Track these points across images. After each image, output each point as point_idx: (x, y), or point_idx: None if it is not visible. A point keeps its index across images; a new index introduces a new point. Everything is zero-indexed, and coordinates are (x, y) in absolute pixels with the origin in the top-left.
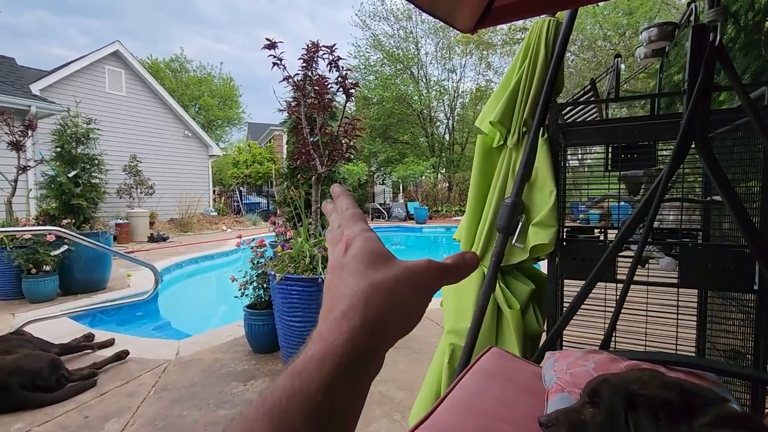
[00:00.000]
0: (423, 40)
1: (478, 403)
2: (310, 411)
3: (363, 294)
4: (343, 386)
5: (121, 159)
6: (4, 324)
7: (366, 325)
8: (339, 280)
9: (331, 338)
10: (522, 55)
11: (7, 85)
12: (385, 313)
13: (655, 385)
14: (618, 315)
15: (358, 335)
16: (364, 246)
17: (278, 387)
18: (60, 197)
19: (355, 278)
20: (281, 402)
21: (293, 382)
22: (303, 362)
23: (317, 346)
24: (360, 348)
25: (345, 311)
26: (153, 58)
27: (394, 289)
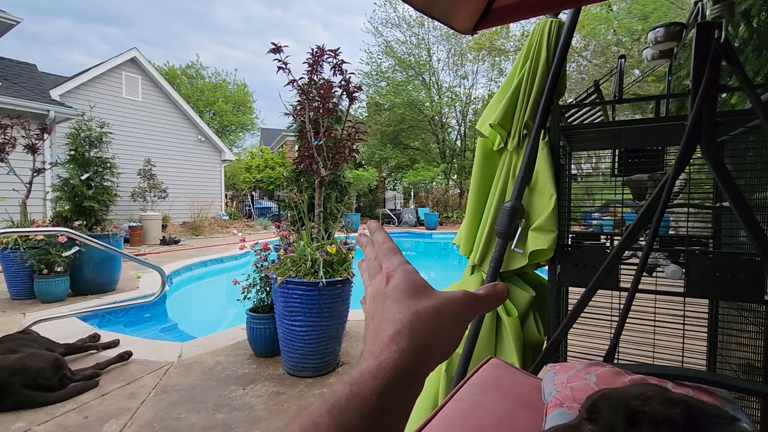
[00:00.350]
0: (435, 46)
1: (473, 418)
2: (366, 412)
3: (408, 320)
4: (392, 396)
5: (135, 163)
6: (14, 323)
7: (412, 348)
8: (383, 307)
9: (383, 356)
10: (523, 57)
11: (28, 90)
12: (429, 338)
13: (658, 401)
14: (622, 325)
15: (406, 356)
16: (405, 277)
17: (338, 391)
18: (72, 199)
19: (399, 306)
20: (342, 402)
21: (351, 389)
22: (359, 373)
23: (370, 362)
24: (407, 366)
25: (393, 335)
26: (170, 64)
27: (436, 317)
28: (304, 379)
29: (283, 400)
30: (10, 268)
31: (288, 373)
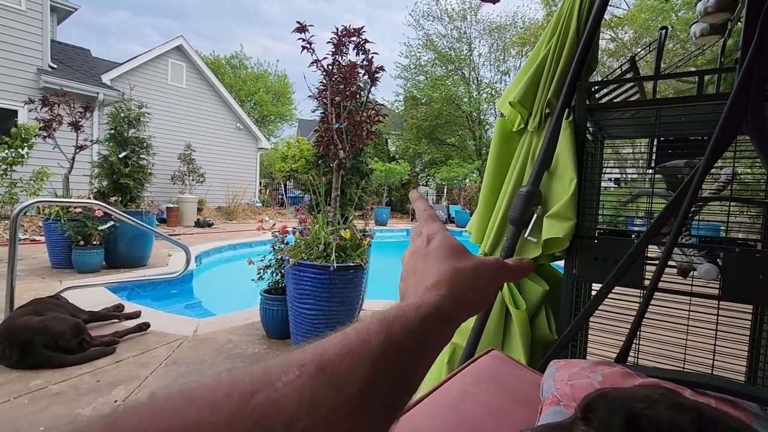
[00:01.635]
0: (477, 41)
1: (461, 409)
2: (408, 330)
3: (449, 273)
4: (430, 325)
5: (176, 147)
6: (51, 289)
7: (451, 295)
8: (425, 263)
9: (426, 297)
10: (551, 30)
11: (81, 74)
12: (466, 290)
13: (665, 405)
14: (638, 325)
15: (445, 301)
16: (444, 239)
17: (388, 311)
18: (110, 176)
19: (440, 262)
20: (390, 318)
21: (398, 312)
22: (405, 304)
23: (414, 299)
24: (445, 309)
25: (435, 284)
26: (215, 54)
27: (474, 274)
28: None
29: None
30: (52, 237)
31: None
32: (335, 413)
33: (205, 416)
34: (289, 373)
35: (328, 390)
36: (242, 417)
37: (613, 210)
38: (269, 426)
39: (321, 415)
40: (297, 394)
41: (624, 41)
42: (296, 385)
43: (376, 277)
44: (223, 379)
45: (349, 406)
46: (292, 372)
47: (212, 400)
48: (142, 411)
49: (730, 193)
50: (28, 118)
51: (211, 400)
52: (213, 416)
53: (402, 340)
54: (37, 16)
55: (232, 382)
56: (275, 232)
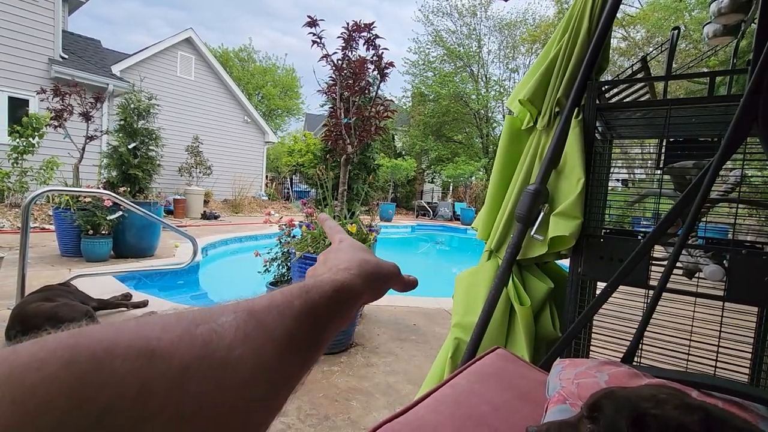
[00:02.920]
0: (486, 37)
1: (467, 405)
2: (324, 297)
3: (358, 260)
4: (342, 295)
5: (184, 139)
6: (60, 277)
7: (359, 275)
8: (336, 255)
9: (338, 275)
10: (563, 28)
11: (92, 65)
12: (370, 275)
13: (672, 405)
14: (645, 325)
15: (355, 278)
16: (354, 241)
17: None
18: (119, 167)
19: (350, 254)
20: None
21: (315, 282)
22: (321, 278)
23: (328, 275)
24: (355, 285)
25: (346, 267)
26: (224, 47)
27: (377, 266)
28: None
29: None
30: (62, 226)
31: None
32: (264, 349)
33: (158, 333)
34: (226, 315)
35: (257, 332)
36: (190, 338)
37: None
38: (213, 348)
39: (253, 347)
40: (233, 330)
41: (636, 40)
42: (232, 323)
43: None
44: (169, 315)
45: (274, 347)
46: (228, 315)
47: (164, 324)
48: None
49: (739, 196)
50: (39, 107)
51: (163, 324)
52: (166, 335)
53: (318, 305)
54: (49, 6)
55: (178, 316)
56: (282, 225)
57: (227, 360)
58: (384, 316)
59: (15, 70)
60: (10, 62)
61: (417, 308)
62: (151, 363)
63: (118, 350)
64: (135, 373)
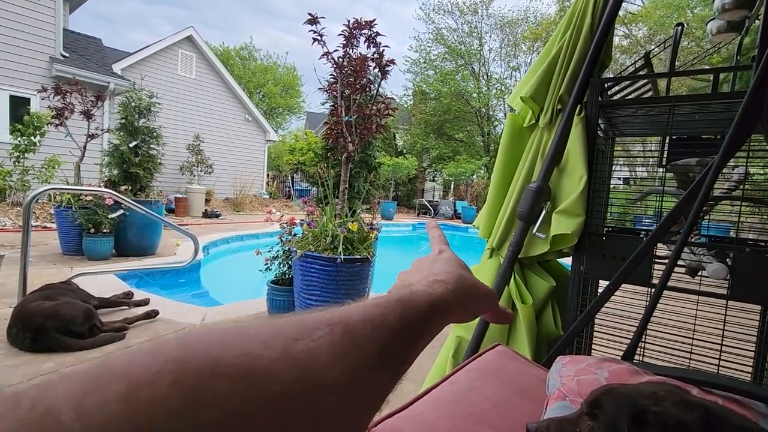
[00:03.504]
0: (488, 35)
1: (466, 402)
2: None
3: (456, 276)
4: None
5: (185, 138)
6: (62, 275)
7: (455, 291)
8: (432, 264)
9: (434, 287)
10: (565, 25)
11: (93, 63)
12: (466, 294)
13: (671, 402)
14: (646, 323)
15: (449, 294)
16: (455, 255)
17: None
18: (121, 165)
19: (448, 267)
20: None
21: (411, 295)
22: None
23: (426, 288)
24: (449, 301)
25: (443, 280)
26: (225, 45)
27: (474, 286)
28: None
29: None
30: (63, 224)
31: None
32: (358, 369)
33: (259, 350)
34: (322, 329)
35: (353, 349)
36: (288, 356)
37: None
38: (309, 368)
39: (346, 367)
40: (328, 347)
41: (638, 38)
42: (327, 340)
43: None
44: (266, 323)
45: (368, 364)
46: (323, 328)
47: (265, 339)
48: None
49: (742, 193)
50: (41, 106)
51: (263, 338)
52: (266, 351)
53: (413, 321)
54: (50, 4)
55: (276, 328)
56: (283, 223)
57: (323, 382)
58: None
59: (16, 69)
60: (11, 61)
61: None
62: (253, 385)
63: (222, 369)
64: (236, 395)
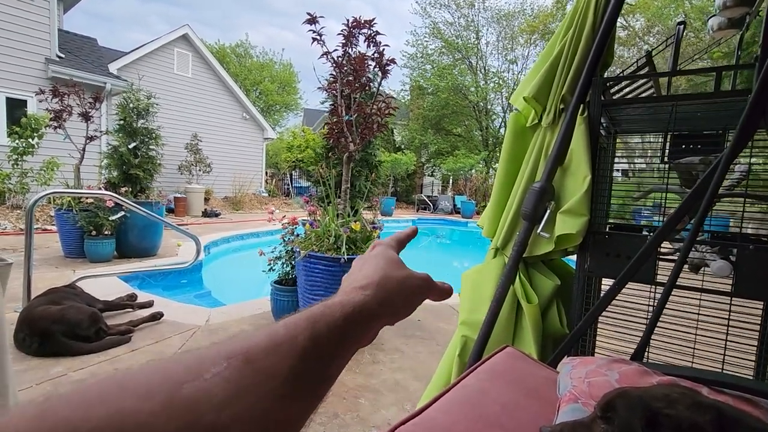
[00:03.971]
0: (485, 29)
1: (477, 405)
2: (332, 327)
3: (379, 277)
4: (353, 323)
5: (183, 137)
6: (65, 279)
7: (376, 297)
8: (361, 268)
9: (352, 295)
10: (567, 23)
11: (88, 63)
12: (391, 295)
13: (685, 405)
14: (655, 323)
15: (369, 300)
16: (385, 250)
17: (314, 309)
18: (120, 167)
19: (372, 268)
20: (316, 315)
21: (324, 309)
22: (331, 302)
23: (341, 297)
24: (368, 308)
25: (364, 286)
26: (220, 43)
27: (401, 282)
28: None
29: None
30: (64, 227)
31: None
32: (262, 401)
33: (139, 405)
34: (218, 365)
35: (255, 380)
36: (174, 404)
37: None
38: (200, 413)
39: (248, 403)
40: (224, 383)
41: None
42: (224, 375)
43: None
44: (157, 368)
45: (275, 394)
46: (221, 364)
47: (146, 390)
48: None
49: (746, 189)
50: (38, 108)
51: (145, 390)
52: (146, 404)
53: (326, 337)
54: (45, 5)
55: (165, 372)
56: (285, 223)
57: (217, 424)
58: None
59: (12, 71)
60: (6, 62)
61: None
62: None
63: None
64: None
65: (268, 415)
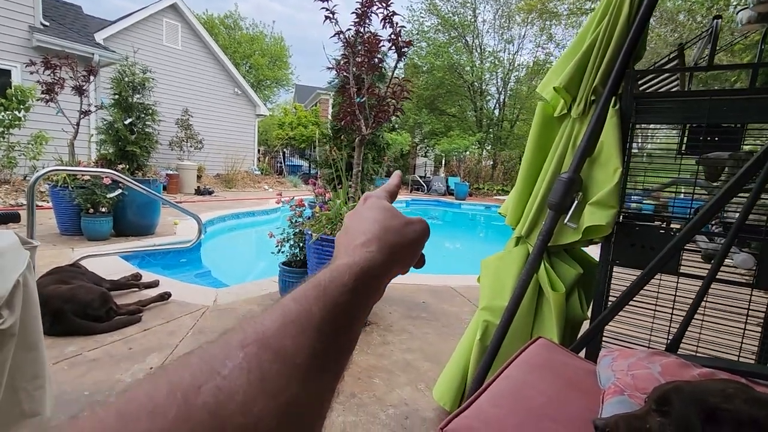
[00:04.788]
0: (482, 6)
1: (524, 397)
2: (344, 289)
3: (378, 231)
4: (363, 281)
5: (173, 112)
6: (64, 257)
7: (380, 251)
8: (358, 222)
9: (356, 256)
10: (600, 14)
11: (74, 32)
12: (394, 247)
13: (741, 399)
14: (692, 315)
15: (375, 256)
16: (377, 200)
17: (320, 276)
18: (116, 143)
19: (370, 220)
20: (325, 281)
21: (332, 274)
22: (335, 265)
23: (346, 259)
24: (375, 264)
25: (365, 242)
26: (209, 13)
27: (401, 232)
28: None
29: None
30: (60, 204)
31: None
32: (289, 386)
33: (146, 426)
34: (233, 357)
35: (276, 366)
36: (193, 416)
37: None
38: (225, 416)
39: (274, 392)
40: (245, 376)
41: None
42: (243, 367)
43: None
44: (159, 380)
45: (300, 374)
46: (236, 355)
47: (151, 407)
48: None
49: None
50: (23, 78)
51: (150, 407)
52: (156, 424)
53: (340, 302)
54: None
55: (170, 382)
56: (293, 205)
57: (245, 427)
58: (394, 294)
59: None
60: None
61: (425, 285)
62: None
63: None
64: None
65: (298, 399)
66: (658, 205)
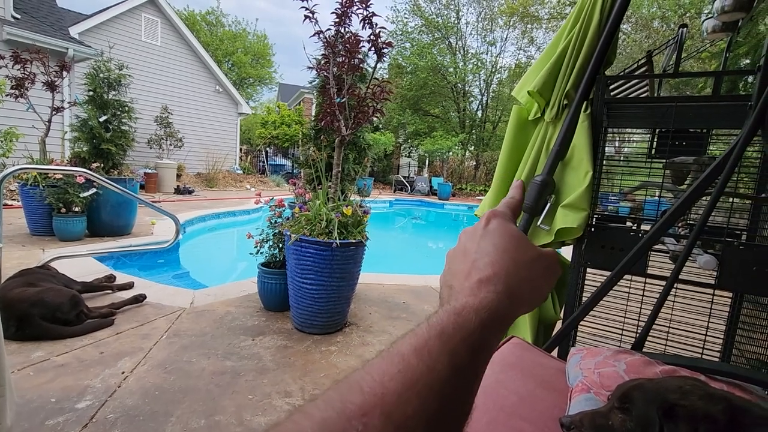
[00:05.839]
0: (465, 8)
1: (495, 396)
2: (470, 343)
3: (507, 266)
4: (490, 332)
5: (152, 109)
6: (34, 258)
7: (508, 292)
8: (477, 246)
9: (482, 295)
10: (573, 20)
11: (47, 26)
12: (522, 287)
13: (697, 396)
14: (656, 315)
15: (502, 299)
16: (504, 224)
17: (444, 319)
18: (91, 141)
19: (500, 252)
20: (449, 330)
21: (456, 319)
22: (461, 306)
23: (471, 299)
24: (503, 308)
25: (491, 276)
26: (190, 9)
27: (531, 267)
28: (312, 336)
29: (290, 354)
30: (30, 204)
31: (296, 328)
32: None
33: None
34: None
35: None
36: None
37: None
38: None
39: None
40: None
41: None
42: None
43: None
44: None
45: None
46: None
47: None
48: None
49: (735, 189)
50: None
51: None
52: None
53: (466, 360)
54: None
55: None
56: (272, 206)
57: None
58: (374, 294)
59: None
60: None
61: (405, 286)
62: None
63: None
64: None
65: None
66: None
